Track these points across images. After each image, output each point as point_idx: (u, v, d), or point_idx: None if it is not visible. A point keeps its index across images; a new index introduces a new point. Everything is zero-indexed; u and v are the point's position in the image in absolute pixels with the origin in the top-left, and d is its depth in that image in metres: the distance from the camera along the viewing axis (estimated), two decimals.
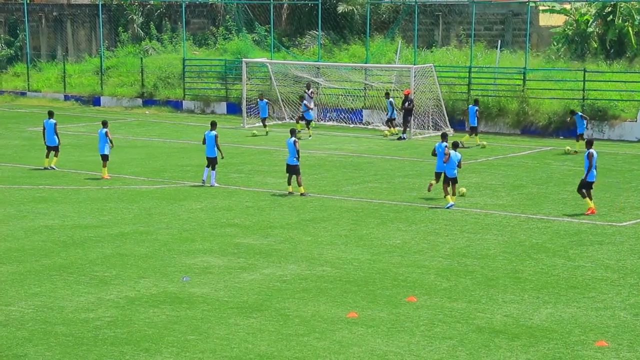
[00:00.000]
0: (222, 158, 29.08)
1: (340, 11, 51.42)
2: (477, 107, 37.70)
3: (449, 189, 25.78)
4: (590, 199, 24.75)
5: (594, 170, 24.81)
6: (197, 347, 14.89)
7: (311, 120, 40.99)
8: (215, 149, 28.59)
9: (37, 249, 21.14)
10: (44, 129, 31.94)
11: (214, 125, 29.15)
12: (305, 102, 40.91)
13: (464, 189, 27.05)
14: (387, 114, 41.43)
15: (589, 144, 25.27)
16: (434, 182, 26.67)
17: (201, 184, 28.90)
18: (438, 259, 20.26)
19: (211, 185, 28.63)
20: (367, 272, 19.21)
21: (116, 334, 15.54)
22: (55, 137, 31.66)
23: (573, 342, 15.08)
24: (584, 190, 24.73)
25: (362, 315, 16.43)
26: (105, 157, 30.15)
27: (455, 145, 26.31)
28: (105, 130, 30.26)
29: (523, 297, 17.48)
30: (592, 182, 24.85)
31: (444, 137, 27.03)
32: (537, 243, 21.71)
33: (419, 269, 19.48)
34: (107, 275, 19.02)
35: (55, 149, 31.73)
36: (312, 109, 41.28)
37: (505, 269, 19.48)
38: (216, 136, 28.67)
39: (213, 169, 28.82)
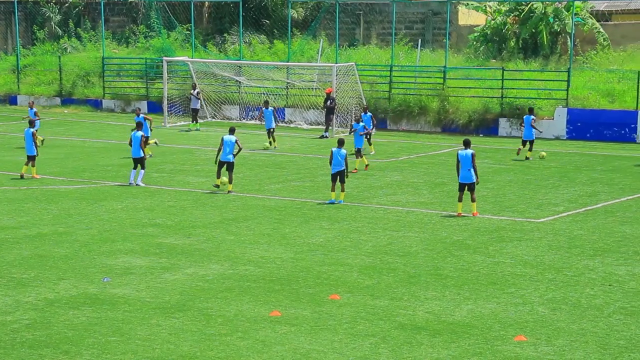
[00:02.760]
0: (151, 156, 29.05)
1: (279, 10, 51.28)
2: (533, 116, 34.56)
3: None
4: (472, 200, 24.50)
5: (471, 171, 24.32)
6: (119, 349, 14.70)
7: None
8: (140, 150, 28.35)
9: None
10: None
11: (139, 126, 29.03)
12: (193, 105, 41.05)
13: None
14: (265, 125, 37.36)
15: (466, 144, 24.46)
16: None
17: (128, 184, 28.53)
18: (361, 257, 20.35)
19: (137, 185, 28.33)
20: (290, 271, 19.21)
21: (35, 336, 15.25)
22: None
23: (493, 337, 15.30)
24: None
25: (285, 314, 16.42)
26: (32, 158, 29.67)
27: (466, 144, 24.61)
28: (32, 130, 29.82)
29: (444, 294, 17.66)
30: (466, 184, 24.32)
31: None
32: (458, 240, 21.97)
33: (341, 267, 19.54)
34: (25, 277, 18.66)
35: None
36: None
37: (426, 266, 19.67)
38: (142, 136, 28.48)
39: (143, 168, 28.56)
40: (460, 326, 15.80)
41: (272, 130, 36.68)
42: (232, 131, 27.89)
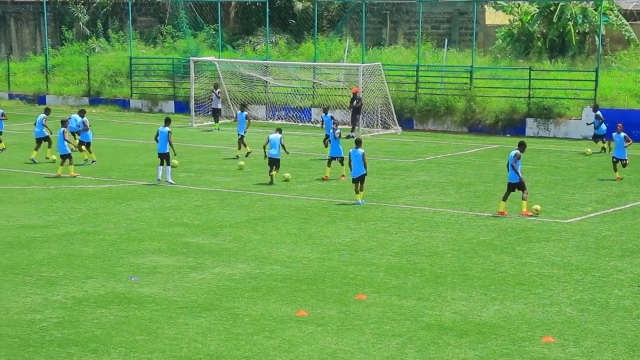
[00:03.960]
0: (175, 155, 29.08)
1: (299, 8, 51.28)
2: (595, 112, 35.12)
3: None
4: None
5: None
6: (146, 348, 14.78)
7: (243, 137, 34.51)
8: (168, 145, 28.43)
9: None
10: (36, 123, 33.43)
11: (168, 121, 29.08)
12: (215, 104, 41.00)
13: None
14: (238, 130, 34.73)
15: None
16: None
17: (156, 183, 28.66)
18: (387, 257, 20.34)
19: (167, 182, 28.45)
20: (316, 271, 19.23)
21: (63, 335, 15.37)
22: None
23: (520, 338, 15.24)
24: None
25: (311, 313, 16.44)
26: (67, 156, 29.93)
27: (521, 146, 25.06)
28: (63, 129, 30.10)
29: (471, 294, 17.62)
30: None
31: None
32: (485, 240, 21.90)
33: (368, 267, 19.54)
34: (54, 276, 18.80)
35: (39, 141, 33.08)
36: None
37: (453, 266, 19.62)
38: (169, 133, 28.55)
39: (168, 164, 28.68)
40: (488, 327, 15.76)
41: (241, 136, 34.19)
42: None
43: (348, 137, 39.64)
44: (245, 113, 34.76)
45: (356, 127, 39.91)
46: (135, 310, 16.60)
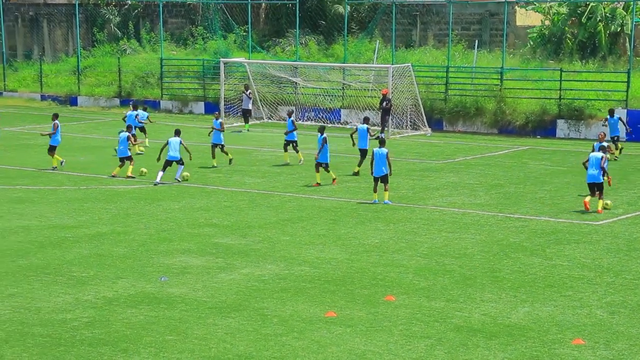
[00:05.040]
0: (190, 160, 29.44)
1: (331, 10, 51.30)
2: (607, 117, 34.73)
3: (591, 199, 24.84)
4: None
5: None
6: (176, 347, 14.85)
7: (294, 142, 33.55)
8: (179, 152, 28.99)
9: (14, 250, 21.02)
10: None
11: (178, 132, 29.66)
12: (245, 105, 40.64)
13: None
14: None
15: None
16: (587, 198, 25.03)
17: (160, 183, 29.02)
18: (416, 258, 20.30)
19: (176, 180, 28.84)
20: (345, 272, 19.23)
21: (94, 334, 15.47)
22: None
23: (550, 340, 15.16)
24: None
25: (340, 314, 16.44)
26: (126, 159, 30.28)
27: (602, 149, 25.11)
28: (127, 134, 30.50)
29: (501, 296, 17.55)
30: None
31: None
32: (515, 242, 21.80)
33: (397, 268, 19.52)
34: (85, 276, 18.94)
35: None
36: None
37: (483, 267, 19.55)
38: (181, 142, 29.16)
39: (182, 163, 29.10)
40: (517, 329, 15.69)
41: (220, 145, 32.61)
42: (321, 130, 29.42)
43: (377, 138, 39.59)
44: (220, 120, 33.10)
45: (385, 128, 39.86)
46: (165, 311, 16.69)
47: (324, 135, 29.17)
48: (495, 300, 17.27)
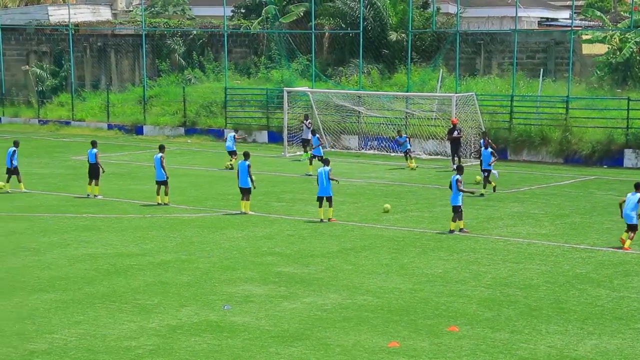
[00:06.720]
0: (254, 188, 29.10)
1: (393, 39, 51.34)
2: None
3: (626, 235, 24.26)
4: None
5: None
6: None
7: (321, 156, 35.70)
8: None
9: (81, 278, 21.30)
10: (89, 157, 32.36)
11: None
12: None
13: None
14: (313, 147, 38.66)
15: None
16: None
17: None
18: (480, 289, 20.10)
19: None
20: (408, 302, 19.11)
21: None
22: (98, 166, 31.93)
23: None
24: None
25: (403, 345, 16.32)
26: (162, 183, 30.60)
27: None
28: (160, 155, 30.83)
29: (567, 328, 17.27)
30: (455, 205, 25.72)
31: (637, 187, 24.34)
32: (581, 273, 21.47)
33: (460, 298, 19.33)
34: (149, 304, 19.10)
35: (96, 177, 31.99)
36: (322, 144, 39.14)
37: (548, 299, 19.27)
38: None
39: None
40: None
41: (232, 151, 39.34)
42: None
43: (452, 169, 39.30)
44: (232, 134, 40.32)
45: (456, 158, 39.27)
46: (228, 339, 16.74)
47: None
48: (561, 332, 16.99)
